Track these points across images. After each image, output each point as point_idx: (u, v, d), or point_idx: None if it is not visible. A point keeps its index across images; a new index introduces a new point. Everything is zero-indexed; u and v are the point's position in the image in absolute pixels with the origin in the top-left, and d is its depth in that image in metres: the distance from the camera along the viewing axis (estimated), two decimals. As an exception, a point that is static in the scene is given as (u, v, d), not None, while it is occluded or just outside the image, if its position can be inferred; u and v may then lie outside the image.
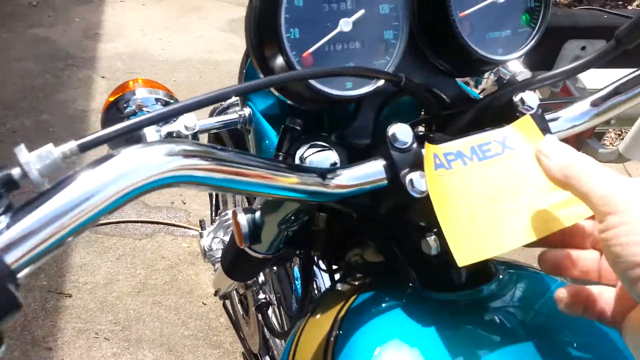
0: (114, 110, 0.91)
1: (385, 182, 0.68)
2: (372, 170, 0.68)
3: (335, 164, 0.74)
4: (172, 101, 0.93)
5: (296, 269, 1.58)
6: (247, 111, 0.97)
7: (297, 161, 0.73)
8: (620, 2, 4.92)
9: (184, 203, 3.15)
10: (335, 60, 0.71)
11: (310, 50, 0.68)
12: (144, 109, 0.92)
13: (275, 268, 1.57)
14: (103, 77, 3.66)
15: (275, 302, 1.68)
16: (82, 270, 2.76)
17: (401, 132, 0.67)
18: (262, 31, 0.68)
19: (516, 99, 0.75)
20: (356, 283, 0.88)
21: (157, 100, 0.92)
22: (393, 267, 0.85)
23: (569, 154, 0.53)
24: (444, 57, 0.81)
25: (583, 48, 1.70)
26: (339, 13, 0.69)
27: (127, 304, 2.63)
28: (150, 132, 0.88)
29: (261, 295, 1.60)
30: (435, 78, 0.83)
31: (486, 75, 1.00)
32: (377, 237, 0.85)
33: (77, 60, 3.73)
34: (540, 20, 0.82)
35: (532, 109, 0.73)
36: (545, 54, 1.87)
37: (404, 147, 0.67)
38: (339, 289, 0.91)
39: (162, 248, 2.91)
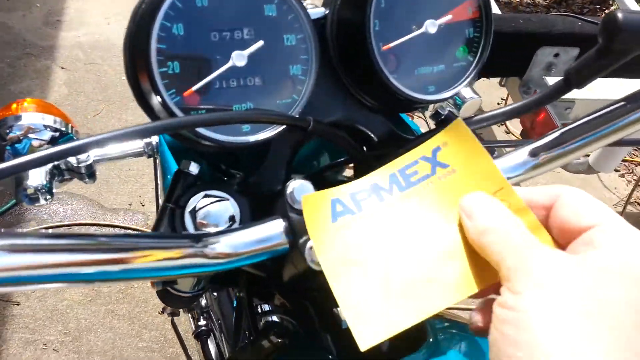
0: (-6, 136, 0.78)
1: (287, 246, 0.57)
2: (269, 233, 0.57)
3: (232, 218, 0.63)
4: (64, 130, 0.80)
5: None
6: (153, 139, 0.85)
7: (186, 216, 0.62)
8: (598, 7, 4.87)
9: (142, 205, 3.01)
10: (229, 99, 0.59)
11: (194, 88, 0.56)
12: (31, 135, 0.79)
13: (215, 293, 1.47)
14: (62, 68, 3.48)
15: (217, 328, 1.57)
16: (28, 276, 2.61)
17: (301, 190, 0.56)
18: (135, 62, 0.57)
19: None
20: (274, 341, 0.78)
21: (46, 127, 0.79)
22: (309, 330, 0.75)
23: (491, 216, 0.44)
24: (369, 93, 0.71)
25: (556, 55, 1.62)
26: (232, 44, 0.58)
27: (78, 313, 2.49)
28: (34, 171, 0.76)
29: (202, 322, 1.49)
30: (361, 114, 0.73)
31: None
32: (291, 297, 0.75)
33: (36, 49, 3.54)
34: (480, 52, 0.72)
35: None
36: (516, 60, 1.77)
37: None
38: (259, 343, 0.81)
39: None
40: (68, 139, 0.82)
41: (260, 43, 0.58)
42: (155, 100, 0.55)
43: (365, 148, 0.76)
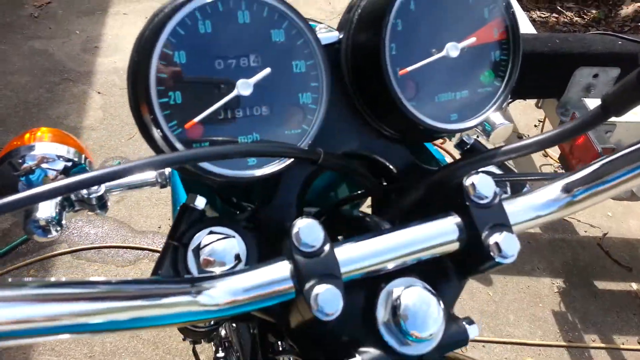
0: (6, 166, 0.77)
1: (293, 292, 0.53)
2: (274, 277, 0.51)
3: (238, 257, 0.59)
4: (77, 160, 0.78)
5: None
6: (166, 170, 0.83)
7: (189, 255, 0.58)
8: (640, 25, 4.70)
9: (171, 227, 3.02)
10: (234, 130, 0.56)
11: (196, 120, 0.53)
12: (44, 165, 0.78)
13: (234, 324, 1.43)
14: (99, 93, 3.57)
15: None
16: (52, 352, 2.63)
17: (307, 231, 0.51)
18: (137, 92, 0.54)
19: (467, 182, 0.59)
20: None
21: (59, 157, 0.78)
22: None
23: None
24: (386, 122, 0.66)
25: (595, 76, 1.54)
26: (237, 72, 0.55)
27: (103, 337, 2.49)
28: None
29: (220, 354, 1.45)
30: (378, 143, 0.68)
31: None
32: (302, 343, 0.70)
33: (74, 75, 3.65)
34: (507, 76, 0.66)
35: (486, 198, 0.57)
36: (553, 81, 1.68)
37: (311, 250, 0.51)
38: None
39: (145, 276, 2.77)
40: (81, 170, 0.80)
41: (267, 70, 0.55)
42: (156, 133, 0.52)
43: (384, 180, 0.72)
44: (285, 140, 0.58)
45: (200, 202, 0.61)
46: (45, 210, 0.74)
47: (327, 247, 0.51)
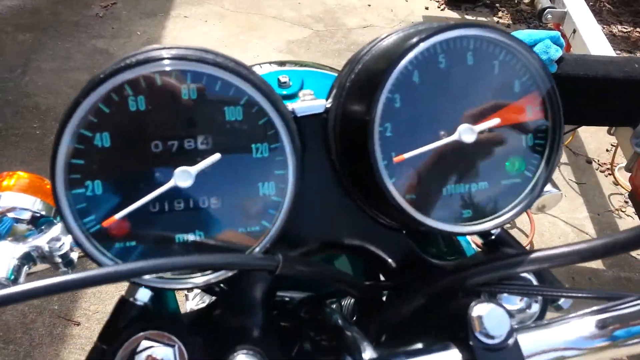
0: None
1: None
2: None
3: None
4: (45, 213, 0.70)
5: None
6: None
7: (117, 361, 0.48)
8: None
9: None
10: (171, 226, 0.45)
11: (117, 216, 0.42)
12: (10, 215, 0.71)
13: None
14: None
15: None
16: (94, 298, 2.65)
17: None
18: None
19: (473, 313, 0.44)
20: None
21: (24, 210, 0.70)
22: None
23: None
24: (381, 212, 0.53)
25: None
26: (179, 157, 0.43)
27: (132, 340, 2.49)
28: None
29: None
30: (373, 231, 0.55)
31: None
32: None
33: (131, 75, 3.71)
34: (544, 166, 0.51)
35: (497, 337, 0.43)
36: (629, 107, 1.46)
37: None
38: None
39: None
40: (48, 222, 0.73)
41: (216, 157, 0.43)
42: (65, 229, 0.42)
43: (383, 277, 0.59)
44: (240, 240, 0.46)
45: (143, 295, 0.50)
46: (2, 269, 0.67)
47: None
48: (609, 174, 3.18)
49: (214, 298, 0.56)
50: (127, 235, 0.43)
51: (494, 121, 0.48)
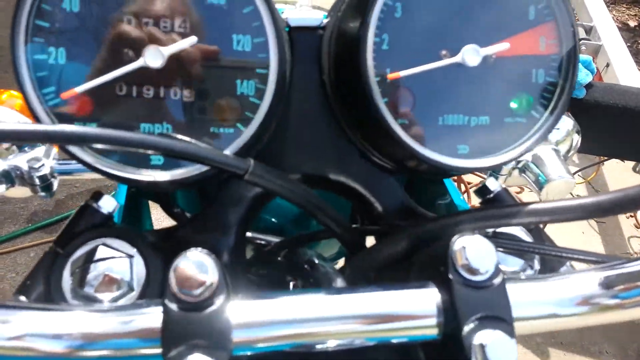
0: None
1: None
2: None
3: (128, 285, 0.44)
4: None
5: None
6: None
7: (66, 268, 0.44)
8: None
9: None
10: (137, 113, 0.41)
11: (77, 90, 0.39)
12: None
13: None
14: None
15: None
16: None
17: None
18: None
19: (456, 246, 0.39)
20: None
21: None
22: None
23: None
24: (372, 143, 0.49)
25: None
26: (152, 36, 0.40)
27: None
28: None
29: None
30: (365, 171, 0.51)
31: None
32: None
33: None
34: (552, 108, 0.46)
35: (481, 273, 0.38)
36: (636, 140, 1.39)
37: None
38: None
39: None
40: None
41: (192, 40, 0.40)
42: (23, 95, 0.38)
43: (368, 220, 0.54)
44: (209, 140, 0.42)
45: (107, 203, 0.47)
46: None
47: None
48: (631, 216, 3.07)
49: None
50: (88, 115, 0.40)
51: (503, 46, 0.43)
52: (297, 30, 0.47)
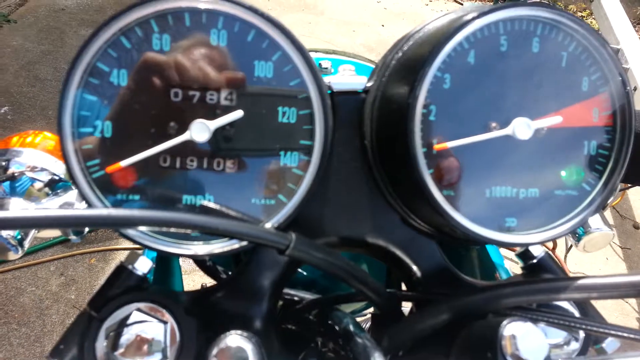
0: (-10, 168, 0.68)
1: None
2: None
3: (162, 352, 0.43)
4: (62, 177, 0.68)
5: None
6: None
7: (100, 334, 0.43)
8: None
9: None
10: (180, 185, 0.40)
11: (122, 164, 0.38)
12: (29, 174, 0.68)
13: None
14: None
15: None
16: (111, 291, 2.64)
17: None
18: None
19: (506, 331, 0.38)
20: None
21: (43, 170, 0.68)
22: None
23: None
24: (413, 210, 0.47)
25: None
26: (197, 109, 0.39)
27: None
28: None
29: None
30: (404, 234, 0.49)
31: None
32: None
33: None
34: (605, 180, 0.45)
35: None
36: None
37: None
38: None
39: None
40: (65, 187, 0.70)
41: (238, 114, 0.39)
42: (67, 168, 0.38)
43: (406, 285, 0.52)
44: (250, 211, 0.41)
45: (142, 264, 0.46)
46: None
47: None
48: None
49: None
50: (131, 187, 0.39)
51: (556, 119, 0.42)
52: (339, 94, 0.46)
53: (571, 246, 0.73)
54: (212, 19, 0.38)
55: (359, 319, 0.62)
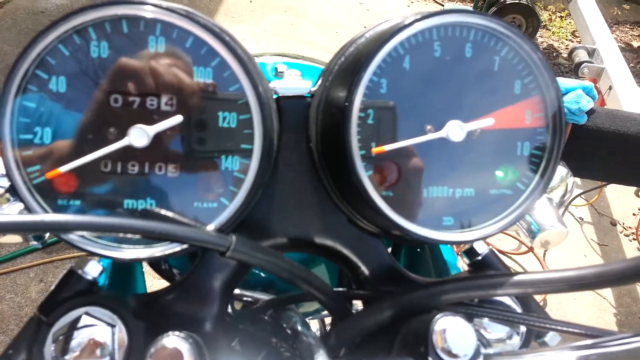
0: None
1: None
2: None
3: (110, 355, 0.44)
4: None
5: None
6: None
7: (48, 338, 0.44)
8: None
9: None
10: (121, 190, 0.41)
11: (61, 169, 0.39)
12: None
13: None
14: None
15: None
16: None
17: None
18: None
19: (437, 326, 0.39)
20: None
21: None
22: None
23: None
24: (357, 211, 0.49)
25: None
26: (136, 115, 0.40)
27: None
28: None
29: None
30: (351, 235, 0.51)
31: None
32: None
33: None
34: (537, 181, 0.46)
35: (459, 357, 0.38)
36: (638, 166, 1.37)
37: None
38: None
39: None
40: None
41: (177, 119, 0.40)
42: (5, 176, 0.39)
43: (355, 285, 0.54)
44: (193, 215, 0.42)
45: (92, 269, 0.47)
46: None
47: None
48: (634, 239, 3.05)
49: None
50: (72, 193, 0.40)
51: (488, 121, 0.44)
52: (285, 99, 0.48)
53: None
54: (149, 26, 0.39)
55: (327, 320, 0.63)
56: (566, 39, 4.54)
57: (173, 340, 0.35)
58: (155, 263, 0.58)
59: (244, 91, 0.41)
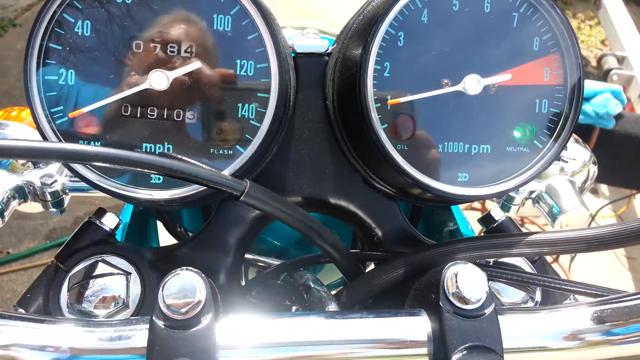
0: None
1: None
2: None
3: (124, 302, 0.45)
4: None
5: None
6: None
7: (64, 283, 0.45)
8: None
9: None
10: (140, 133, 0.42)
11: (85, 110, 0.40)
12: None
13: None
14: None
15: None
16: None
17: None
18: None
19: (447, 273, 0.39)
20: None
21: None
22: None
23: None
24: (372, 168, 0.49)
25: None
26: (157, 60, 0.41)
27: None
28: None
29: None
30: (366, 196, 0.51)
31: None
32: None
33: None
34: (554, 138, 0.46)
35: (472, 302, 0.37)
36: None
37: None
38: None
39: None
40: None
41: (196, 64, 0.41)
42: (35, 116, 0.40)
43: (368, 245, 0.54)
44: (209, 161, 0.43)
45: (110, 220, 0.48)
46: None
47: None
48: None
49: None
50: (93, 134, 0.41)
51: (505, 77, 0.43)
52: (303, 57, 0.48)
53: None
54: (172, -26, 0.40)
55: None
56: (595, 48, 4.46)
57: (186, 273, 0.36)
58: (171, 224, 0.59)
59: (262, 40, 0.42)
